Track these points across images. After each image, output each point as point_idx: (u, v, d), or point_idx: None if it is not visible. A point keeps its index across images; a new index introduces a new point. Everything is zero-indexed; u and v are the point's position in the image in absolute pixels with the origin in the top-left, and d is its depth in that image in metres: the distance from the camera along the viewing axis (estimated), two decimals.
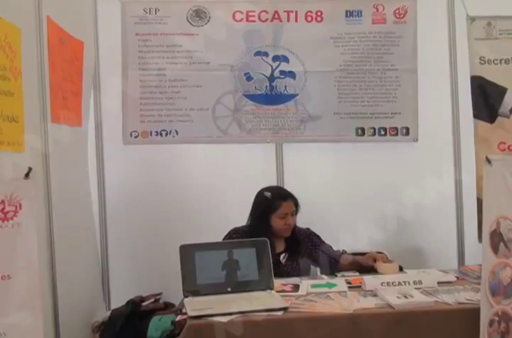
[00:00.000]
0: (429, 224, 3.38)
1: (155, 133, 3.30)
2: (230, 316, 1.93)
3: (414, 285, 2.23)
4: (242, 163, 3.31)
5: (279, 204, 2.62)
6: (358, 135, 3.39)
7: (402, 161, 3.37)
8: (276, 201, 2.63)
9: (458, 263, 3.35)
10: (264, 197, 2.68)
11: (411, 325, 1.98)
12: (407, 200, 3.33)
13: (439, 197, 3.32)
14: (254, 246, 2.27)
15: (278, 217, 2.63)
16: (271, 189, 2.72)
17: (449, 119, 3.40)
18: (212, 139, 3.32)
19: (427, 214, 3.35)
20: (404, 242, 3.36)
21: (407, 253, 3.27)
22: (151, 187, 3.28)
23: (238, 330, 1.89)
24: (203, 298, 2.13)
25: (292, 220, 2.64)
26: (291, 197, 2.68)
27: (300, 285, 2.33)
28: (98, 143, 3.27)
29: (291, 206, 2.65)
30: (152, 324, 2.78)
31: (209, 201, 3.29)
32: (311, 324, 1.96)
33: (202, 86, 3.29)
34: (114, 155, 3.28)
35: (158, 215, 3.28)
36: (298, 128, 3.36)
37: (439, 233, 3.39)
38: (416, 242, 3.41)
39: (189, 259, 2.19)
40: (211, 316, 1.94)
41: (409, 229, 3.37)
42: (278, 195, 2.66)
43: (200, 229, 3.15)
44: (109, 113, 3.27)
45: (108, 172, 3.29)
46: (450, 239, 3.42)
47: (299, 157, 3.37)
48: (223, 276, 2.19)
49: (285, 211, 2.62)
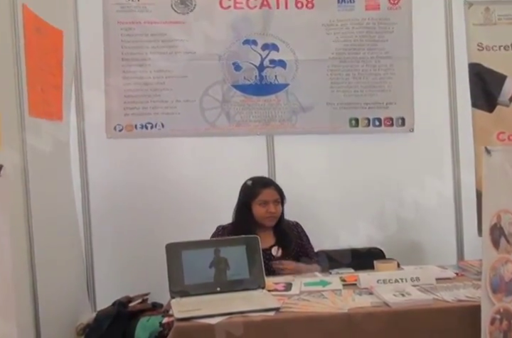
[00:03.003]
0: (427, 218, 3.37)
1: (140, 127, 3.27)
2: (220, 317, 1.90)
3: (411, 282, 2.21)
4: (232, 157, 3.29)
5: (259, 191, 2.63)
6: (352, 126, 3.38)
7: (398, 153, 3.36)
8: (257, 188, 2.64)
9: (457, 258, 3.34)
10: (245, 186, 2.70)
11: (409, 324, 1.96)
12: (404, 193, 3.33)
13: (436, 189, 3.32)
14: (244, 244, 2.24)
15: (258, 204, 2.62)
16: (253, 178, 2.73)
17: (446, 109, 3.39)
18: (200, 132, 3.29)
19: (425, 208, 3.34)
20: (401, 237, 3.36)
21: (404, 249, 3.29)
22: (137, 182, 3.26)
23: (228, 332, 1.86)
24: (190, 299, 2.10)
25: (274, 208, 2.62)
26: (273, 185, 2.69)
27: (293, 284, 2.31)
28: (80, 137, 3.24)
29: (273, 194, 2.64)
30: (140, 325, 2.77)
31: (197, 197, 3.26)
32: (305, 324, 1.93)
33: (188, 76, 3.26)
34: (98, 149, 3.25)
35: (144, 212, 3.26)
36: (289, 119, 3.34)
37: (437, 227, 3.39)
38: (413, 237, 3.40)
39: (176, 258, 2.16)
40: (199, 318, 1.91)
41: (407, 223, 3.36)
42: (258, 182, 2.67)
43: (189, 227, 3.12)
44: (92, 106, 3.23)
45: (91, 168, 3.25)
46: (449, 233, 3.42)
47: (291, 150, 3.36)
48: (212, 275, 2.16)
49: (265, 199, 2.62)
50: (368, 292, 2.14)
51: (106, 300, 3.03)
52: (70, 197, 3.07)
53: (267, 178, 2.81)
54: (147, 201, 3.26)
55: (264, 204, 2.63)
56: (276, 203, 2.65)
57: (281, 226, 2.70)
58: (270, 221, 2.65)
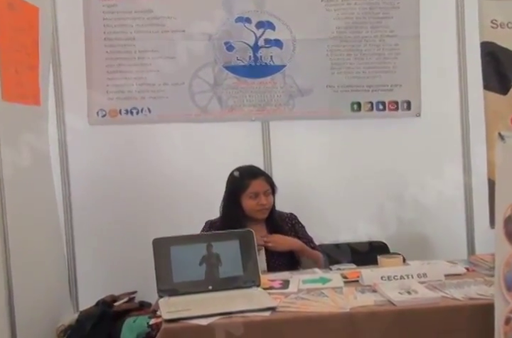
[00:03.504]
0: (435, 209, 3.37)
1: (125, 112, 3.25)
2: (211, 318, 1.88)
3: (418, 278, 2.20)
4: (224, 144, 3.28)
5: (248, 183, 2.60)
6: (354, 110, 3.37)
7: (403, 139, 3.36)
8: (245, 179, 2.61)
9: (467, 252, 3.35)
10: (232, 177, 2.68)
11: (415, 324, 1.94)
12: (410, 183, 3.33)
13: (445, 178, 3.31)
14: (237, 238, 2.22)
15: (249, 197, 2.61)
16: (241, 168, 2.70)
17: (456, 91, 3.39)
18: (190, 118, 3.28)
19: (432, 198, 3.33)
20: (406, 230, 3.36)
21: (410, 242, 3.30)
22: (122, 173, 3.25)
23: (221, 334, 1.85)
24: (180, 298, 2.08)
25: (265, 200, 2.61)
26: (263, 175, 2.68)
27: (290, 281, 2.29)
28: (60, 123, 3.21)
29: (263, 185, 2.63)
30: (126, 326, 2.77)
31: (187, 187, 3.26)
32: (303, 325, 1.91)
33: (176, 57, 3.23)
34: (79, 137, 3.22)
35: (130, 205, 3.25)
36: (286, 103, 3.33)
37: (446, 219, 3.40)
38: (420, 230, 3.41)
39: (164, 255, 2.15)
40: (189, 318, 1.89)
41: (412, 215, 3.36)
42: (247, 173, 2.65)
43: (178, 220, 3.13)
44: (72, 89, 3.21)
45: (72, 157, 3.23)
46: (458, 226, 3.43)
47: (288, 137, 3.35)
48: (203, 273, 2.15)
49: (255, 190, 2.60)
50: (371, 290, 2.13)
51: (89, 300, 3.02)
52: (50, 187, 3.04)
53: (255, 167, 2.76)
54: (133, 192, 3.25)
55: (255, 197, 2.61)
56: (267, 194, 2.63)
57: (274, 218, 2.70)
58: (262, 213, 2.65)
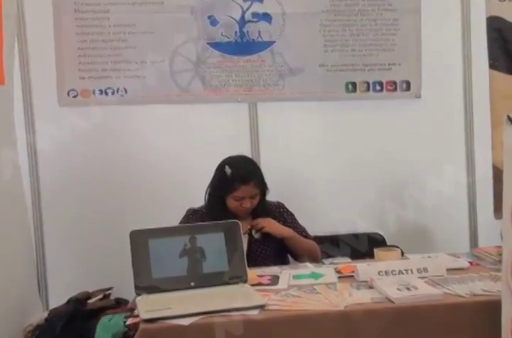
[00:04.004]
0: (435, 199, 3.35)
1: (98, 92, 3.22)
2: (193, 318, 1.87)
3: (418, 273, 2.20)
4: (208, 128, 3.27)
5: (237, 187, 2.59)
6: (349, 91, 3.36)
7: (402, 122, 3.36)
8: (235, 183, 2.60)
9: (470, 244, 3.38)
10: (222, 173, 2.65)
11: (415, 323, 1.94)
12: (409, 170, 3.35)
13: (447, 164, 3.33)
14: (222, 230, 2.21)
15: (233, 198, 2.63)
16: (234, 164, 2.66)
17: (459, 71, 3.40)
18: (170, 99, 3.26)
19: (433, 187, 3.33)
20: (404, 221, 3.37)
21: (408, 234, 3.32)
22: (95, 158, 3.22)
23: (204, 335, 1.84)
24: (159, 296, 2.07)
25: (249, 203, 2.63)
26: (254, 179, 2.63)
27: (279, 277, 2.29)
28: (27, 105, 3.19)
29: (252, 190, 2.62)
30: (101, 325, 2.73)
31: (168, 175, 3.24)
32: (294, 324, 1.91)
33: (155, 32, 3.21)
34: (48, 119, 3.18)
35: (105, 193, 3.24)
36: (275, 83, 3.32)
37: (447, 209, 3.40)
38: (419, 220, 3.42)
39: (142, 248, 2.13)
40: (169, 318, 1.87)
41: (411, 204, 3.36)
42: (239, 176, 2.61)
43: (159, 210, 3.12)
44: (40, 67, 3.18)
45: (41, 142, 3.19)
46: (460, 216, 3.45)
47: (278, 120, 3.35)
48: (184, 268, 2.14)
49: (242, 195, 2.61)
50: (367, 286, 2.13)
51: (60, 297, 3.00)
52: (15, 174, 2.98)
53: (249, 166, 2.72)
54: (109, 180, 3.23)
55: (240, 199, 2.62)
56: (253, 197, 2.65)
57: (260, 207, 2.71)
58: (243, 213, 2.67)
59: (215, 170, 2.71)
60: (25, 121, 3.16)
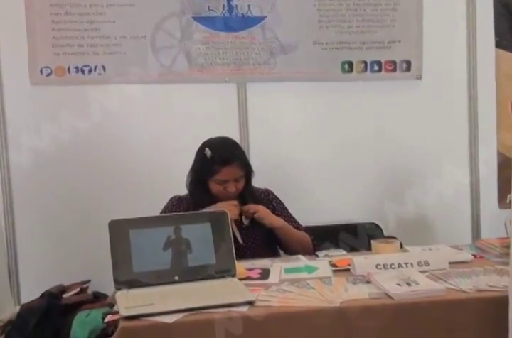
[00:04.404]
0: (436, 186, 3.39)
1: (74, 70, 3.20)
2: (178, 314, 1.85)
3: (418, 267, 2.19)
4: (193, 110, 3.26)
5: (218, 169, 2.59)
6: (345, 71, 3.36)
7: (402, 105, 3.38)
8: (216, 165, 2.60)
9: (472, 236, 3.41)
10: (202, 156, 2.65)
11: (416, 320, 1.93)
12: (409, 155, 3.37)
13: (448, 150, 3.38)
14: (209, 220, 2.19)
15: (216, 182, 2.63)
16: (214, 145, 2.66)
17: (464, 49, 3.40)
18: (153, 78, 3.24)
19: (433, 173, 3.38)
20: (402, 210, 3.39)
21: (408, 225, 3.34)
22: (71, 141, 3.20)
23: (189, 333, 1.82)
24: (140, 291, 2.05)
25: (234, 187, 2.63)
26: (237, 160, 2.63)
27: (270, 270, 2.28)
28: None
29: (235, 172, 2.62)
30: (77, 321, 2.77)
31: (150, 160, 3.25)
32: (286, 322, 1.89)
33: (136, 5, 3.19)
34: (19, 99, 3.18)
35: (82, 179, 3.24)
36: (266, 62, 3.31)
37: (448, 198, 3.41)
38: (418, 210, 3.43)
39: (122, 239, 2.10)
40: (152, 315, 1.85)
41: (410, 193, 3.39)
42: (219, 157, 2.61)
43: (140, 198, 3.14)
44: (9, 42, 3.16)
45: (11, 122, 3.19)
46: (462, 206, 3.47)
47: (268, 101, 3.34)
48: (168, 261, 2.12)
49: (224, 178, 2.61)
50: (364, 281, 2.12)
51: (33, 291, 3.00)
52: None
53: (230, 147, 2.72)
54: (86, 165, 3.23)
55: (222, 183, 2.62)
56: (238, 180, 2.65)
57: (247, 193, 2.71)
58: (228, 198, 2.65)
59: (196, 154, 2.70)
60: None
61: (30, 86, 3.15)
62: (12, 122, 3.17)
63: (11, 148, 3.19)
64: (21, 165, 3.20)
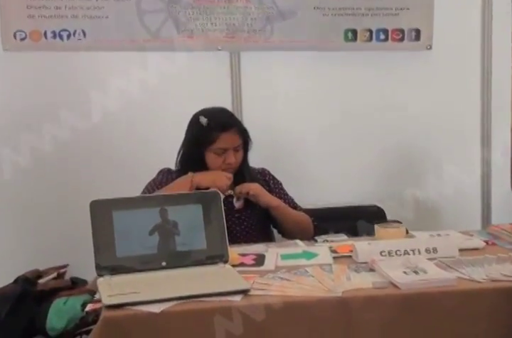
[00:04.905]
0: (445, 167, 3.41)
1: (51, 35, 3.17)
2: (165, 304, 1.84)
3: (426, 254, 2.19)
4: (182, 80, 3.27)
5: (216, 136, 2.58)
6: (348, 40, 3.36)
7: (410, 77, 3.40)
8: (213, 131, 2.58)
9: (482, 221, 3.45)
10: (196, 125, 2.64)
11: (424, 312, 1.92)
12: (415, 131, 3.40)
13: (458, 127, 3.40)
14: (199, 202, 2.18)
15: (214, 153, 2.61)
16: (208, 113, 2.66)
17: (477, 17, 3.41)
18: (138, 45, 3.23)
19: (442, 151, 3.42)
20: (408, 192, 3.41)
21: (412, 208, 3.36)
22: (48, 113, 3.19)
23: (178, 324, 1.81)
24: (125, 278, 2.04)
25: (234, 158, 2.62)
26: (235, 125, 2.65)
27: (266, 256, 2.28)
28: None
29: (234, 140, 2.62)
30: (54, 309, 2.78)
31: (135, 134, 3.26)
32: (283, 312, 1.87)
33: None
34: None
35: (59, 155, 3.22)
36: (262, 29, 3.30)
37: (457, 180, 3.43)
38: (424, 192, 3.45)
39: (105, 221, 2.09)
40: (137, 304, 1.84)
41: (415, 173, 3.42)
42: (216, 123, 2.60)
43: (124, 177, 3.14)
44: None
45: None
46: (471, 188, 3.49)
47: (264, 72, 3.35)
48: (155, 245, 2.10)
49: (224, 146, 2.60)
50: (367, 269, 2.12)
51: (5, 276, 2.98)
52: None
53: (226, 113, 2.75)
54: (63, 140, 3.20)
55: (221, 153, 2.60)
56: (236, 150, 2.64)
57: (244, 173, 2.71)
58: (228, 172, 2.64)
59: (187, 126, 2.69)
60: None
61: (3, 51, 3.13)
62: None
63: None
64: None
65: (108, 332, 1.78)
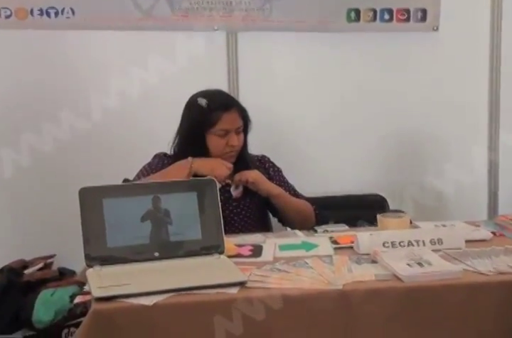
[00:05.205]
0: (450, 154, 3.44)
1: (38, 12, 3.17)
2: (158, 296, 1.84)
3: (431, 245, 2.19)
4: (176, 62, 3.27)
5: (218, 116, 2.58)
6: (351, 20, 3.36)
7: (415, 59, 3.41)
8: (214, 112, 2.58)
9: (488, 211, 3.47)
10: (195, 107, 2.63)
11: (428, 306, 1.92)
12: (420, 116, 3.40)
13: (465, 113, 3.40)
14: (194, 189, 2.17)
15: (216, 135, 2.60)
16: (207, 95, 2.66)
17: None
18: (130, 24, 3.22)
19: (447, 137, 3.42)
20: (413, 181, 3.42)
21: (419, 197, 3.36)
22: (34, 96, 3.22)
23: (170, 317, 1.81)
24: (116, 269, 2.03)
25: (237, 140, 2.62)
26: (237, 106, 2.66)
27: (263, 247, 2.28)
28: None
29: (236, 120, 2.62)
30: (41, 300, 2.79)
31: (127, 117, 3.26)
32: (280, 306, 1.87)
33: None
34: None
35: (45, 140, 3.22)
36: (260, 8, 3.30)
37: (464, 167, 3.44)
38: (430, 181, 3.46)
39: (95, 210, 2.08)
40: (129, 296, 1.83)
41: (422, 161, 3.43)
42: (216, 103, 2.61)
43: (114, 163, 3.14)
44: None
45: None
46: (478, 176, 3.50)
47: (262, 54, 3.37)
48: (147, 235, 2.10)
49: (226, 127, 2.59)
50: (370, 260, 2.12)
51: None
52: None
53: (224, 94, 2.77)
54: (50, 124, 3.21)
55: (224, 135, 2.60)
56: (238, 132, 2.64)
57: (242, 160, 2.71)
58: (230, 157, 2.65)
59: (184, 110, 2.69)
60: None
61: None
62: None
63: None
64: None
65: (98, 326, 1.78)
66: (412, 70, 3.37)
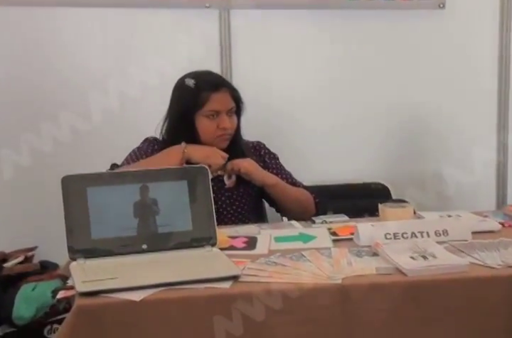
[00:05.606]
0: (456, 142, 3.46)
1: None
2: (146, 291, 1.84)
3: (436, 236, 2.20)
4: (166, 41, 3.32)
5: (207, 97, 2.59)
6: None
7: (421, 39, 3.42)
8: (203, 92, 2.59)
9: (496, 201, 3.49)
10: (183, 88, 2.64)
11: (432, 301, 1.93)
12: (425, 100, 3.40)
13: (473, 97, 3.42)
14: (185, 178, 2.17)
15: (206, 117, 2.60)
16: (195, 75, 2.67)
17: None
18: (116, 1, 3.26)
19: (454, 124, 3.43)
20: (417, 169, 3.45)
21: (423, 187, 3.36)
22: (13, 79, 3.21)
23: (159, 313, 1.81)
24: (101, 262, 2.04)
25: (229, 122, 2.62)
26: (226, 85, 2.67)
27: (258, 239, 2.29)
28: None
29: (227, 101, 2.63)
30: (21, 296, 2.81)
31: (112, 100, 3.23)
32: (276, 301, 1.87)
33: None
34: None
35: (25, 125, 3.23)
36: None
37: (470, 155, 3.45)
38: (435, 169, 3.49)
39: (78, 199, 2.08)
40: (115, 291, 1.84)
41: (427, 149, 3.45)
42: (205, 83, 2.62)
43: (99, 150, 3.17)
44: None
45: None
46: (486, 164, 3.51)
47: (256, 32, 3.38)
48: (134, 226, 2.10)
49: (216, 108, 2.60)
50: (371, 253, 2.13)
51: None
52: None
53: (214, 74, 2.77)
54: (29, 108, 3.24)
55: (214, 117, 2.59)
56: (230, 114, 2.64)
57: (237, 146, 2.70)
58: (223, 140, 2.65)
59: (172, 93, 2.69)
60: None
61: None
62: None
63: None
64: None
65: (82, 322, 1.78)
66: (418, 50, 3.38)
